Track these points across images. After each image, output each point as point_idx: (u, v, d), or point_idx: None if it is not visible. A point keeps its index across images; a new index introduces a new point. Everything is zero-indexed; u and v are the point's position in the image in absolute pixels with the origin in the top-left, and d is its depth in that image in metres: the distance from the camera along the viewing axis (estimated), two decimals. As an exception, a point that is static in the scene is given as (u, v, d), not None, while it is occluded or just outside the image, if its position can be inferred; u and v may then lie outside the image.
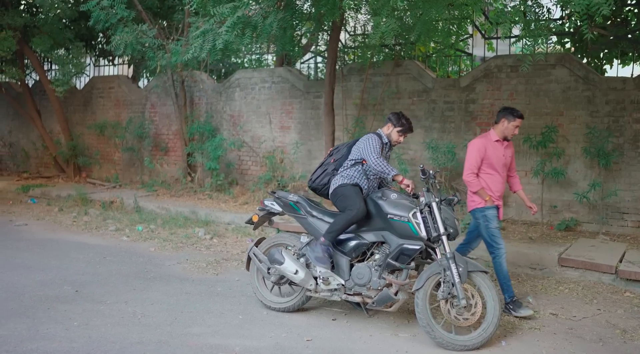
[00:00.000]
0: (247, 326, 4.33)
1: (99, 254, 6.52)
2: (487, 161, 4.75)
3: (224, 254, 6.69)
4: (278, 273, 4.53)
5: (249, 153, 10.11)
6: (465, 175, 4.75)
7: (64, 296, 4.91)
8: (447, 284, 3.98)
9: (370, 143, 4.46)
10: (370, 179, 4.58)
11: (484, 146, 4.75)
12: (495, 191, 4.78)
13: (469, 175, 4.73)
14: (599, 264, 5.64)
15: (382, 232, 4.27)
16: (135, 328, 4.19)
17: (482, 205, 4.75)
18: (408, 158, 8.43)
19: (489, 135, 4.85)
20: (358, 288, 4.28)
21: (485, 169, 4.78)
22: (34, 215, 9.00)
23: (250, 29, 6.25)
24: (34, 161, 13.61)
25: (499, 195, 4.82)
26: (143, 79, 13.54)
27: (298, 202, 4.60)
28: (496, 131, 4.82)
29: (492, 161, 4.76)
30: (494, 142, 4.79)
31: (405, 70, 8.53)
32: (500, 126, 4.78)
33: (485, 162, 4.76)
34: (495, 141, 4.79)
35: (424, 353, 3.91)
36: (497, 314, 3.95)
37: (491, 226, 4.73)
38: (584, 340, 4.20)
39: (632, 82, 7.02)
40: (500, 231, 4.80)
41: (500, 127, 4.79)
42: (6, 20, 10.26)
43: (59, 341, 3.89)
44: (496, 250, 4.73)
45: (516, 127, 4.77)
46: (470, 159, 4.76)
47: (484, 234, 4.80)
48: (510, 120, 4.74)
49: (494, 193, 4.77)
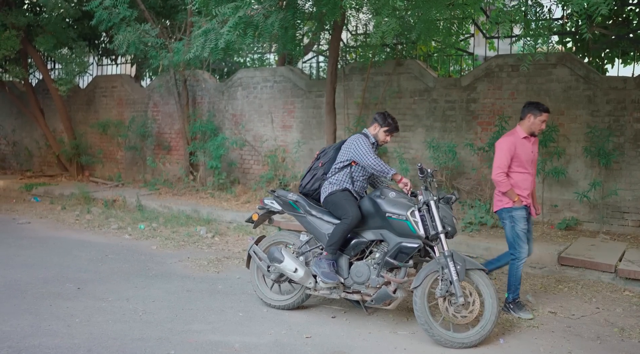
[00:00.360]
0: (247, 323, 4.36)
1: (101, 252, 6.57)
2: (517, 159, 4.62)
3: (225, 252, 6.73)
4: (278, 271, 4.57)
5: (251, 152, 10.15)
6: (495, 174, 4.61)
7: (66, 293, 4.96)
8: (445, 282, 4.01)
9: (362, 144, 4.45)
10: (359, 180, 4.59)
11: (513, 144, 4.61)
12: (524, 189, 4.66)
13: (499, 174, 4.59)
14: (599, 263, 5.66)
15: (380, 230, 4.29)
16: (136, 325, 4.23)
17: (510, 205, 4.64)
18: (409, 157, 8.46)
19: (516, 132, 4.70)
20: (357, 286, 4.31)
21: (515, 167, 4.64)
22: (37, 213, 9.07)
23: (251, 28, 6.28)
24: (37, 159, 13.69)
25: (528, 193, 4.70)
26: (146, 78, 13.59)
27: (297, 201, 4.63)
28: (523, 127, 4.68)
29: (521, 159, 4.63)
30: (522, 139, 4.65)
31: (406, 70, 8.55)
32: (527, 121, 4.65)
33: (515, 160, 4.62)
34: (523, 137, 4.66)
35: (422, 351, 3.94)
36: (495, 312, 3.97)
37: (517, 227, 4.64)
38: (582, 338, 4.23)
39: (632, 82, 7.02)
40: (524, 234, 4.68)
41: (526, 123, 4.65)
42: (10, 19, 10.32)
43: (60, 337, 3.93)
44: (517, 253, 4.68)
45: (543, 122, 4.63)
46: (500, 158, 4.61)
47: (508, 235, 4.71)
48: (537, 115, 4.61)
49: (524, 191, 4.65)
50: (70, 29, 11.10)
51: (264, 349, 3.87)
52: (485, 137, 7.80)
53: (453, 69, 10.50)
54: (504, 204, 4.68)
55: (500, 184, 4.62)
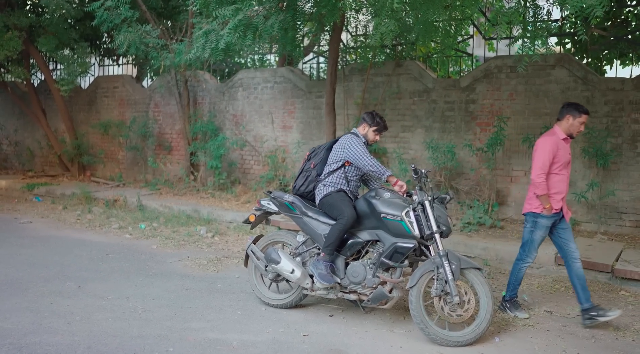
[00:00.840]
0: (245, 322, 4.41)
1: (102, 251, 6.62)
2: (557, 160, 4.47)
3: (225, 251, 6.78)
4: (275, 271, 4.61)
5: (251, 152, 10.20)
6: (536, 175, 4.46)
7: (66, 291, 5.01)
8: (441, 281, 4.05)
9: (356, 145, 4.48)
10: (353, 180, 4.63)
11: (555, 143, 4.46)
12: (560, 192, 4.53)
13: (540, 176, 4.44)
14: (596, 262, 5.70)
15: (376, 231, 4.33)
16: (135, 323, 4.28)
17: (539, 210, 4.53)
18: (408, 158, 8.50)
19: (555, 132, 4.54)
20: (353, 285, 4.35)
21: (555, 169, 4.50)
22: (38, 213, 9.13)
23: (251, 30, 6.33)
24: (39, 159, 13.76)
25: (563, 196, 4.56)
26: (147, 79, 13.66)
27: (293, 203, 4.67)
28: (561, 127, 4.54)
29: (562, 160, 4.49)
30: (561, 140, 4.51)
31: (406, 71, 8.59)
32: (565, 122, 4.51)
33: (556, 161, 4.47)
34: (562, 139, 4.52)
35: (418, 349, 3.98)
36: (490, 310, 4.01)
37: (536, 234, 4.58)
38: (576, 337, 4.27)
39: (630, 83, 7.06)
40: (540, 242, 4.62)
41: (565, 124, 4.51)
42: (12, 20, 10.39)
43: (61, 335, 3.98)
44: (525, 257, 4.66)
45: (582, 124, 4.49)
46: (542, 159, 4.45)
47: (525, 236, 4.65)
48: (576, 116, 4.47)
49: (559, 195, 4.52)
50: (72, 30, 11.16)
51: (261, 347, 3.92)
52: (484, 137, 7.84)
53: (453, 70, 10.53)
54: (533, 207, 4.57)
55: (539, 186, 4.46)
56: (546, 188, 4.46)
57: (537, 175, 4.45)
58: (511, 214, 7.77)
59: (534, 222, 4.58)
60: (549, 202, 4.48)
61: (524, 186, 7.70)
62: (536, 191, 4.50)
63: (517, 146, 7.66)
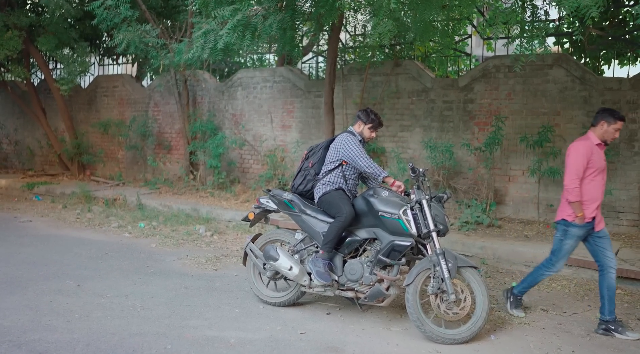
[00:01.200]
0: (243, 319, 4.44)
1: (101, 250, 6.65)
2: (592, 165, 4.33)
3: (224, 250, 6.81)
4: (273, 268, 4.64)
5: (251, 152, 10.23)
6: (569, 181, 4.31)
7: (66, 289, 5.04)
8: (437, 279, 4.08)
9: (352, 145, 4.49)
10: (351, 179, 4.66)
11: (590, 148, 4.34)
12: (596, 199, 4.36)
13: (574, 181, 4.29)
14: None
15: (373, 229, 4.36)
16: (134, 320, 4.31)
17: (571, 219, 4.37)
18: (407, 157, 8.53)
19: (589, 138, 4.41)
20: (351, 283, 4.39)
21: (589, 175, 4.35)
22: (38, 212, 9.16)
23: (250, 30, 6.36)
24: (38, 158, 13.79)
25: (599, 204, 4.39)
26: (147, 78, 13.69)
27: (292, 201, 4.70)
28: (595, 133, 4.40)
29: (596, 166, 4.35)
30: (595, 146, 4.38)
31: (404, 70, 8.62)
32: (599, 128, 4.37)
33: (590, 167, 4.33)
34: (596, 144, 4.39)
35: (414, 346, 4.01)
36: (486, 308, 4.04)
37: (565, 244, 4.43)
38: (572, 335, 4.30)
39: (627, 83, 7.09)
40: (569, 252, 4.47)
41: (599, 130, 4.37)
42: (12, 20, 10.42)
43: (60, 332, 4.01)
44: (552, 265, 4.54)
45: (617, 131, 4.36)
46: (575, 163, 4.31)
47: (554, 244, 4.52)
48: (611, 122, 4.34)
49: (594, 203, 4.36)
50: (72, 30, 11.20)
51: (259, 344, 3.95)
52: (482, 137, 7.87)
53: (451, 70, 10.56)
54: (565, 215, 4.42)
55: (572, 192, 4.30)
56: (579, 194, 4.31)
57: (571, 180, 4.31)
58: (509, 213, 7.80)
59: (564, 231, 4.44)
60: (581, 210, 4.32)
61: (521, 185, 7.74)
62: (569, 197, 4.34)
63: (515, 145, 7.69)
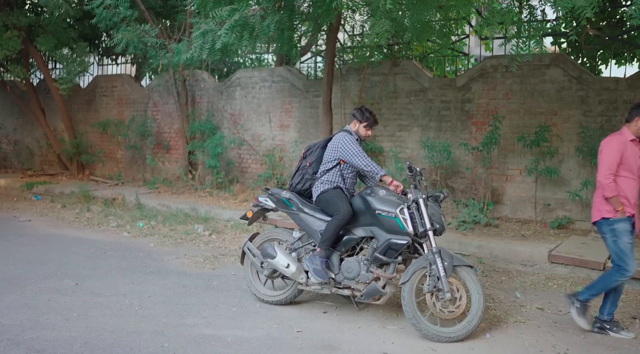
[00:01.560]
0: (240, 318, 4.47)
1: (100, 249, 6.68)
2: (625, 161, 4.19)
3: (222, 249, 6.83)
4: (270, 266, 4.67)
5: (249, 151, 10.26)
6: (603, 176, 4.15)
7: (64, 288, 5.07)
8: (433, 278, 4.10)
9: (350, 144, 4.51)
10: (349, 178, 4.68)
11: (623, 143, 4.20)
12: (630, 197, 4.20)
13: (608, 176, 4.13)
14: (588, 260, 5.76)
15: (370, 227, 4.39)
16: (132, 319, 4.34)
17: (612, 216, 4.17)
18: (405, 157, 8.56)
19: (623, 133, 4.27)
20: (347, 281, 4.41)
21: (621, 171, 4.19)
22: (37, 211, 9.18)
23: (248, 30, 6.38)
24: (38, 158, 13.82)
25: (634, 202, 4.22)
26: (146, 78, 13.72)
27: (290, 199, 4.73)
28: (630, 129, 4.26)
29: (630, 162, 4.19)
30: (629, 142, 4.24)
31: (402, 70, 8.65)
32: (634, 125, 4.24)
33: (623, 163, 4.18)
34: (630, 140, 4.25)
35: (410, 345, 4.03)
36: (481, 307, 4.06)
37: (621, 242, 4.14)
38: (566, 333, 4.32)
39: (624, 83, 7.12)
40: (631, 247, 4.15)
41: (634, 127, 4.24)
42: (11, 20, 10.45)
43: (58, 331, 4.04)
44: (623, 270, 4.13)
45: None
46: (609, 159, 4.16)
47: (611, 250, 4.24)
48: None
49: (630, 200, 4.19)
50: (71, 29, 11.22)
51: (255, 342, 3.98)
52: (479, 137, 7.90)
53: (449, 70, 10.59)
54: (603, 213, 4.22)
55: (607, 187, 4.14)
56: (615, 189, 4.14)
57: (605, 176, 4.15)
58: (506, 212, 7.82)
59: (612, 231, 4.18)
60: (620, 203, 4.14)
61: (518, 184, 7.77)
62: (605, 193, 4.17)
63: (513, 145, 7.72)
